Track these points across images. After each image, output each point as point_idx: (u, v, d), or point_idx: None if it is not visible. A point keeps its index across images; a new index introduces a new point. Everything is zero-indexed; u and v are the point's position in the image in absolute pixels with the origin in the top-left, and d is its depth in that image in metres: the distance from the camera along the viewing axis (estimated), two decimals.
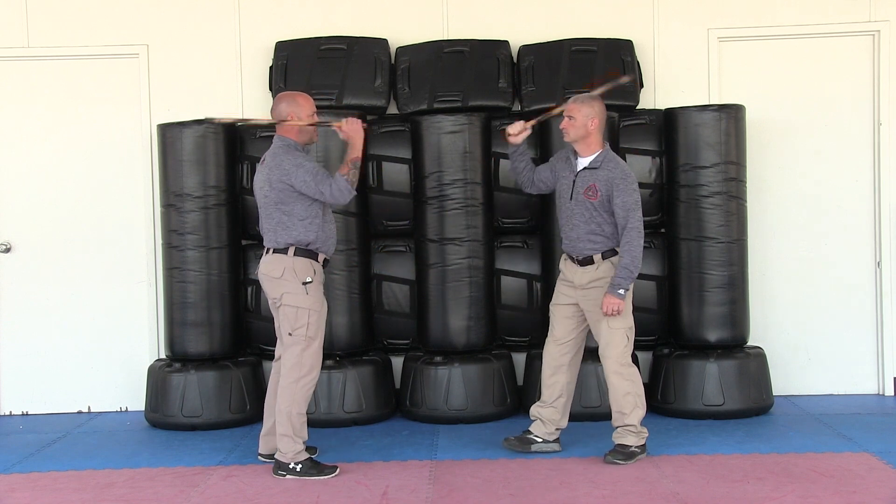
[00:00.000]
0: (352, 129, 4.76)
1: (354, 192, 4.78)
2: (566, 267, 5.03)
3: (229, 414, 5.77)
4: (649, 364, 5.97)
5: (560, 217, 5.04)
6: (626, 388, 4.87)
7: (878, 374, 6.29)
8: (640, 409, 4.90)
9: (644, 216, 5.81)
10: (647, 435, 4.93)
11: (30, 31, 6.28)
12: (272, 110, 4.90)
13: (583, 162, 4.94)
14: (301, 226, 4.73)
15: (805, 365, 6.28)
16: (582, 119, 4.88)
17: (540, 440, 5.06)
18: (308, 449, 4.86)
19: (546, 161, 5.31)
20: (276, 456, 4.82)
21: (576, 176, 4.93)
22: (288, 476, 4.76)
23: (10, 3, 6.27)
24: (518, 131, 5.06)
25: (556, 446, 5.07)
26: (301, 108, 4.80)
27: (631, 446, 4.87)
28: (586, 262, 4.91)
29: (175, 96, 6.26)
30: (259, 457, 5.05)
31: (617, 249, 4.88)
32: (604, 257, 4.89)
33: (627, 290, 4.80)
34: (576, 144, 4.95)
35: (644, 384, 5.86)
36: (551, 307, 5.11)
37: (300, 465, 4.77)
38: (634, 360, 5.71)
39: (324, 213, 4.82)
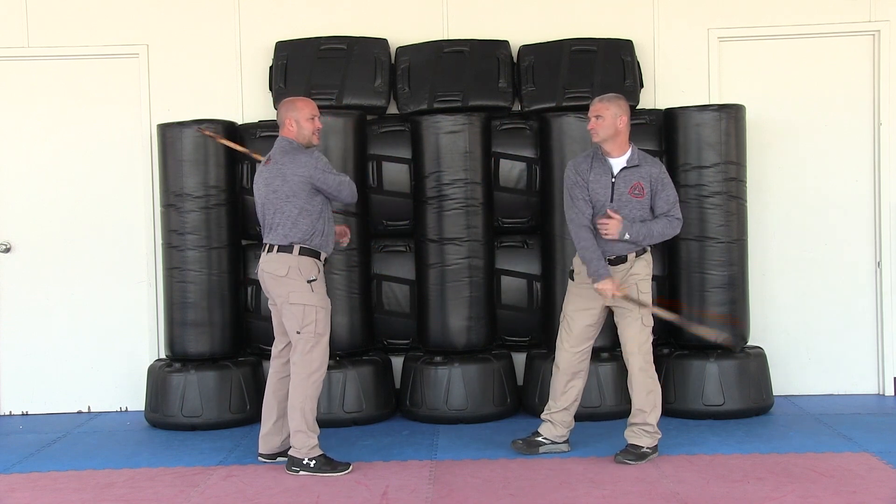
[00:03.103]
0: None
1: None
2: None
3: (229, 414, 5.77)
4: None
5: (594, 219, 4.82)
6: (649, 387, 4.86)
7: (878, 374, 6.29)
8: (659, 410, 4.90)
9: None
10: (660, 437, 4.91)
11: (30, 31, 6.28)
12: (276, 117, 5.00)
13: (619, 162, 4.84)
14: (310, 220, 4.77)
15: (805, 365, 6.28)
16: (611, 118, 4.80)
17: (549, 442, 5.04)
18: None
19: (577, 192, 4.88)
20: (290, 452, 4.83)
21: (614, 177, 4.83)
22: (302, 472, 4.77)
23: (10, 3, 6.27)
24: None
25: (564, 447, 5.06)
26: (298, 111, 4.85)
27: (643, 447, 4.85)
28: (619, 261, 4.85)
29: (175, 96, 6.26)
30: (259, 457, 5.05)
31: (647, 248, 4.89)
32: (637, 255, 4.87)
33: (631, 238, 4.76)
34: (605, 144, 4.82)
35: None
36: (570, 313, 4.95)
37: (314, 461, 4.78)
38: None
39: (328, 213, 4.87)
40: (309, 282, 4.76)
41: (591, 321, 4.94)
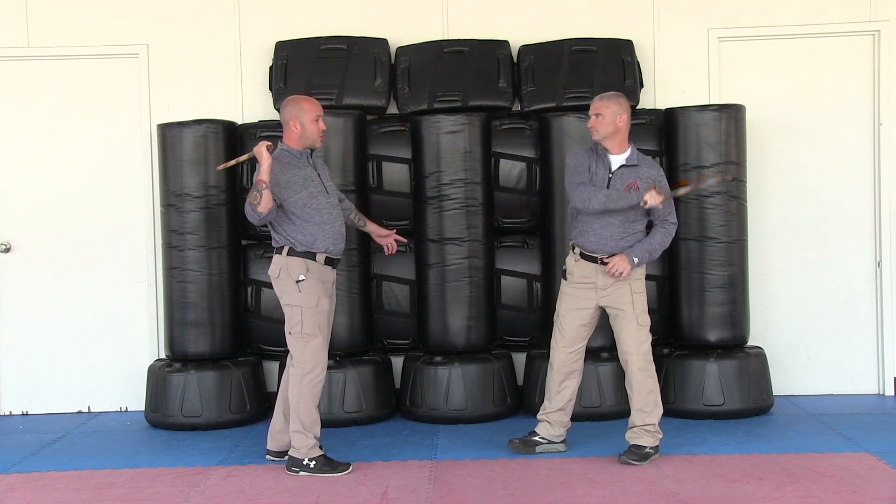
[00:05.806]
0: (255, 151, 4.72)
1: (259, 214, 4.65)
2: (582, 268, 4.89)
3: (229, 414, 5.77)
4: None
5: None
6: (649, 387, 4.86)
7: (878, 374, 6.29)
8: (660, 409, 4.90)
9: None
10: (661, 437, 4.91)
11: (30, 31, 6.28)
12: (280, 114, 4.92)
13: (617, 159, 4.87)
14: (289, 229, 4.77)
15: (805, 365, 6.28)
16: (611, 116, 4.83)
17: (545, 442, 5.04)
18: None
19: (575, 171, 4.93)
20: (289, 452, 4.84)
21: (612, 173, 4.85)
22: (301, 472, 4.77)
23: (10, 3, 6.27)
24: (660, 201, 4.74)
25: (561, 447, 5.05)
26: (304, 112, 4.82)
27: (646, 447, 4.85)
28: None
29: (175, 96, 6.26)
30: (267, 454, 5.05)
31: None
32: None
33: (639, 263, 4.78)
34: (605, 142, 4.86)
35: None
36: (562, 313, 4.97)
37: (314, 462, 4.78)
38: None
39: (320, 214, 4.80)
40: (297, 282, 4.75)
41: (584, 321, 4.94)
